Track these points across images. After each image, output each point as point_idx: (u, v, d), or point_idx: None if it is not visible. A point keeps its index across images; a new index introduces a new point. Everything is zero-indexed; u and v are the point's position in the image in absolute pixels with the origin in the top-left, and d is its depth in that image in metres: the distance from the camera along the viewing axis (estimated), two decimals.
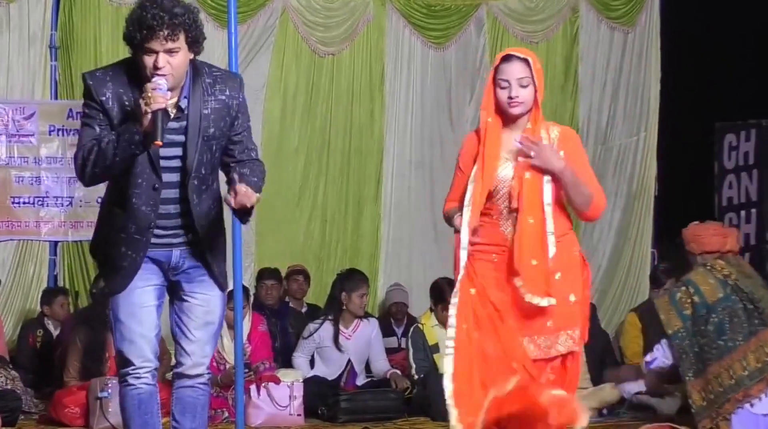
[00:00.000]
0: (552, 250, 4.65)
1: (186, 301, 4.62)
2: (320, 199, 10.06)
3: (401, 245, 10.28)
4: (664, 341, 6.52)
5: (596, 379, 8.20)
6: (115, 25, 9.27)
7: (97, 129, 4.37)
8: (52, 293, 8.91)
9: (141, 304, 4.53)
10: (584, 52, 10.72)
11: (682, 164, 11.00)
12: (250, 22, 9.65)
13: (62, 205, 9.28)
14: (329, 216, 10.08)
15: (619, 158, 10.80)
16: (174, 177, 4.52)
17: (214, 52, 9.14)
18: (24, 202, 9.22)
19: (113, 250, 4.51)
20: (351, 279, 8.38)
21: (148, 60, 4.35)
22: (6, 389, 7.55)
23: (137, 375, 4.53)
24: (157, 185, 4.47)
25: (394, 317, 9.28)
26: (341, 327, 8.22)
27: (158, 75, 4.32)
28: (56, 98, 9.37)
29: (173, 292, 4.64)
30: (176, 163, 4.50)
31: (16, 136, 9.22)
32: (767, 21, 10.39)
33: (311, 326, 8.33)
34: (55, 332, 8.69)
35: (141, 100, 4.29)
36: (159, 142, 4.31)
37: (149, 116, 4.25)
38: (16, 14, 9.21)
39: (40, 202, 9.25)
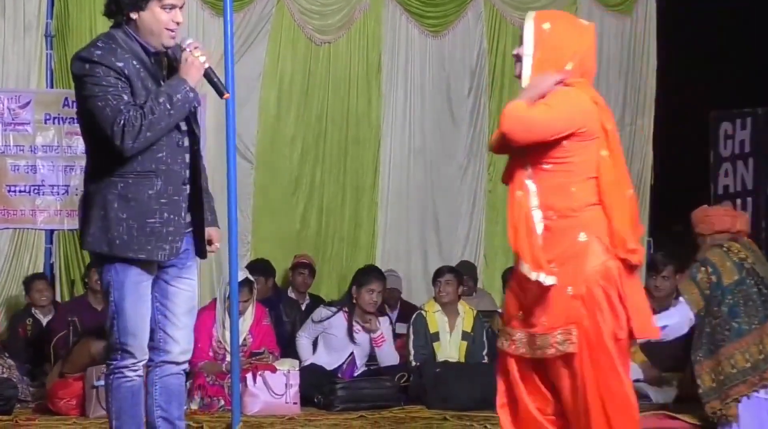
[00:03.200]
0: (539, 227, 4.27)
1: (173, 286, 4.64)
2: (317, 188, 10.04)
3: (399, 234, 10.28)
4: (682, 306, 6.35)
5: None
6: None
7: (125, 97, 4.38)
8: (30, 280, 8.79)
9: (145, 297, 4.56)
10: None
11: (678, 153, 11.01)
12: (246, 10, 9.62)
13: (58, 194, 9.28)
14: (326, 205, 10.07)
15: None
16: (186, 141, 4.61)
17: (210, 41, 9.14)
18: (20, 191, 9.22)
19: (152, 220, 4.47)
20: (363, 274, 8.38)
21: (165, 15, 4.43)
22: (2, 378, 7.55)
23: (135, 368, 4.55)
24: (180, 142, 4.54)
25: (387, 303, 9.28)
26: (353, 320, 8.23)
27: (171, 31, 4.44)
28: (52, 87, 9.36)
29: (155, 278, 4.63)
30: (183, 125, 4.58)
31: (11, 124, 9.23)
32: (763, 10, 10.39)
33: (323, 312, 8.31)
34: (44, 320, 8.67)
35: (189, 58, 4.42)
36: (227, 94, 4.59)
37: (201, 73, 4.44)
38: (11, 3, 9.20)
39: (35, 191, 9.25)
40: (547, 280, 4.21)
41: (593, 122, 4.31)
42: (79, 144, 9.28)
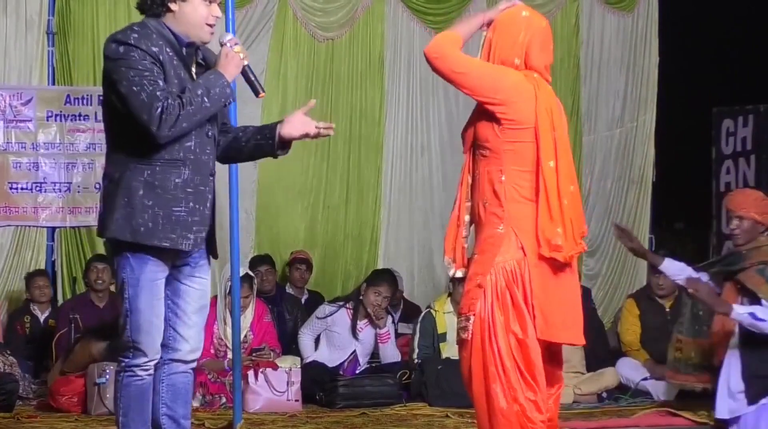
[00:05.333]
0: (465, 218, 4.50)
1: (184, 285, 4.62)
2: (322, 185, 10.02)
3: (403, 232, 10.25)
4: None
5: (591, 366, 8.18)
6: (112, 10, 9.25)
7: (161, 83, 4.35)
8: (31, 276, 8.80)
9: (159, 295, 4.53)
10: (584, 37, 10.70)
11: (680, 150, 11.01)
12: (247, 7, 9.61)
13: (60, 191, 9.27)
14: (330, 203, 10.05)
15: (621, 144, 10.79)
16: (214, 131, 4.63)
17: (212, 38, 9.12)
18: (22, 188, 9.21)
19: (178, 208, 4.44)
20: (376, 274, 8.48)
21: (205, 9, 4.45)
22: (3, 373, 7.56)
23: (147, 367, 4.52)
24: (209, 133, 4.55)
25: (389, 302, 9.28)
26: (357, 318, 8.24)
27: (210, 26, 4.48)
28: (53, 84, 9.35)
29: (168, 276, 4.60)
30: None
31: (13, 121, 9.22)
32: (764, 6, 10.39)
33: (327, 308, 8.32)
34: (42, 316, 8.68)
35: (229, 53, 4.46)
36: (263, 94, 4.61)
37: (239, 69, 4.49)
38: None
39: (37, 188, 9.24)
40: (456, 273, 4.50)
41: (521, 111, 4.36)
42: (81, 141, 9.29)
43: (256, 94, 4.66)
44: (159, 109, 4.29)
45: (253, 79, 4.61)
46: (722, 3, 10.64)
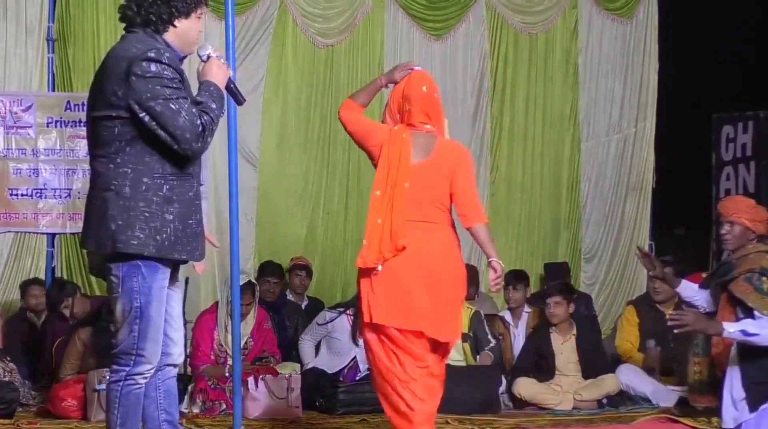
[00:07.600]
0: None
1: (170, 289, 4.64)
2: (322, 191, 10.03)
3: None
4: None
5: (587, 373, 8.15)
6: (112, 16, 9.24)
7: (189, 99, 4.43)
8: (26, 285, 8.83)
9: (164, 303, 4.55)
10: (583, 43, 10.72)
11: (680, 156, 11.02)
12: (247, 14, 9.63)
13: (60, 197, 9.28)
14: (330, 209, 10.05)
15: (618, 150, 10.80)
16: None
17: (212, 44, 9.10)
18: (22, 194, 9.22)
19: (191, 220, 4.51)
20: None
21: (197, 24, 4.62)
22: (3, 381, 7.55)
23: (148, 375, 4.52)
24: None
25: None
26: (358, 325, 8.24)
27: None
28: (54, 90, 9.36)
29: None
30: None
31: (13, 127, 9.23)
32: (764, 13, 10.39)
33: (327, 314, 8.32)
34: (38, 322, 8.70)
35: (222, 66, 4.61)
36: (245, 101, 4.88)
37: (227, 79, 4.62)
38: (14, 5, 9.21)
39: (38, 194, 9.25)
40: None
41: (375, 156, 5.50)
42: (81, 147, 9.28)
43: (239, 103, 4.90)
44: (201, 127, 4.36)
45: (234, 89, 4.79)
46: (722, 9, 10.65)
